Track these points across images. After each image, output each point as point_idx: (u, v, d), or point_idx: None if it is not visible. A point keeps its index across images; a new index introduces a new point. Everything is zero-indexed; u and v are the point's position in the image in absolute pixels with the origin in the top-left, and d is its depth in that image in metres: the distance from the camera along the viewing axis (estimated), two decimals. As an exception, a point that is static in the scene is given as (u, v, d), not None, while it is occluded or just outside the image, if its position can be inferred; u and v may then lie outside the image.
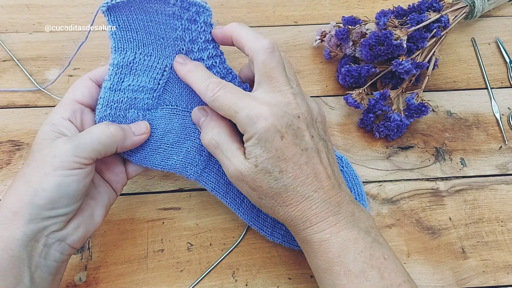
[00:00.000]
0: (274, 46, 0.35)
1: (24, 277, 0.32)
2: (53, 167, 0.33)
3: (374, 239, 0.34)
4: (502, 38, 0.59)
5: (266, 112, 0.33)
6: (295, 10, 0.61)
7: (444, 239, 0.45)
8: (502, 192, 0.48)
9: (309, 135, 0.34)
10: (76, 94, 0.38)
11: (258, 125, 0.32)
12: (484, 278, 0.43)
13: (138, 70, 0.39)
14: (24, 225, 0.32)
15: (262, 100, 0.34)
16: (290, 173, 0.33)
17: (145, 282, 0.42)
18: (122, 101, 0.39)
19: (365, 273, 0.33)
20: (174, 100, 0.40)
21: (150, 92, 0.40)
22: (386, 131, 0.49)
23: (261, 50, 0.34)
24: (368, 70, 0.50)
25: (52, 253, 0.34)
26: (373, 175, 0.49)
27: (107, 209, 0.39)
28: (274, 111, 0.33)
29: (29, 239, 0.32)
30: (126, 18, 0.37)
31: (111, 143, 0.36)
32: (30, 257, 0.33)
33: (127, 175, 0.41)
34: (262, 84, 0.35)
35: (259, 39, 0.35)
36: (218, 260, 0.43)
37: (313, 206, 0.34)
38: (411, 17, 0.51)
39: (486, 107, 0.54)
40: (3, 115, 0.50)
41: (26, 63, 0.54)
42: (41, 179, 0.33)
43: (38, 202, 0.32)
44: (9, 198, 0.33)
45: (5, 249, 0.32)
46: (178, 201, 0.46)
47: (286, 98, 0.34)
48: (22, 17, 0.57)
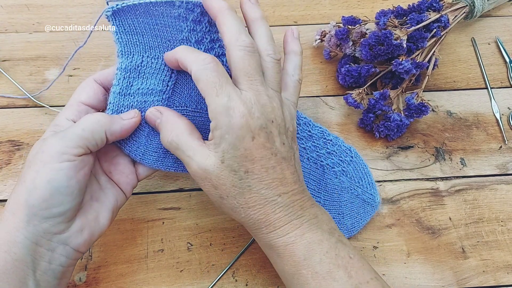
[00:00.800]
0: (253, 45, 0.34)
1: (29, 281, 0.32)
2: (43, 163, 0.32)
3: (338, 240, 0.34)
4: (502, 38, 0.59)
5: (243, 108, 0.32)
6: (294, 10, 0.61)
7: (444, 239, 0.45)
8: (502, 192, 0.48)
9: (280, 141, 0.34)
10: (81, 95, 0.37)
11: (233, 119, 0.32)
12: (484, 278, 0.43)
13: (147, 73, 0.39)
14: (23, 227, 0.32)
15: (242, 95, 0.33)
16: (256, 175, 0.33)
17: (145, 282, 0.42)
18: (132, 105, 0.38)
19: (332, 274, 0.32)
20: (184, 101, 0.40)
21: (159, 94, 0.40)
22: (386, 131, 0.49)
23: (239, 47, 0.33)
24: (368, 70, 0.50)
25: (57, 258, 0.33)
26: (373, 175, 0.48)
27: (115, 212, 0.38)
28: (252, 110, 0.32)
29: (31, 243, 0.32)
30: (132, 22, 0.37)
31: (97, 127, 0.34)
32: (34, 261, 0.32)
33: (137, 176, 0.40)
34: (239, 80, 0.34)
35: (240, 34, 0.34)
36: (235, 258, 0.43)
37: (277, 210, 0.34)
38: (411, 17, 0.51)
39: (486, 107, 0.54)
40: (3, 115, 0.50)
41: (26, 63, 0.54)
42: (33, 177, 0.32)
43: (32, 201, 0.32)
44: (10, 200, 0.33)
45: (8, 251, 0.31)
46: (178, 201, 0.46)
47: (262, 99, 0.33)
48: (22, 17, 0.57)
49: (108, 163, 0.39)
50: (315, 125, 0.46)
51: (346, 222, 0.44)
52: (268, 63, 0.35)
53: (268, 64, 0.35)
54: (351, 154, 0.46)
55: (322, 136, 0.46)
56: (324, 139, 0.46)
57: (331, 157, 0.46)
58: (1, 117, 0.50)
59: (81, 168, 0.33)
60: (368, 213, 0.45)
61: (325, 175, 0.45)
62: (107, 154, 0.39)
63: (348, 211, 0.45)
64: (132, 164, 0.40)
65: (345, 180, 0.45)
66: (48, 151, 0.32)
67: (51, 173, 0.32)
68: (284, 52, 0.40)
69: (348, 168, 0.46)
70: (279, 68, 0.36)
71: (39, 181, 0.32)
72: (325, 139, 0.46)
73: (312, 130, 0.46)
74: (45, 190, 0.32)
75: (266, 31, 0.36)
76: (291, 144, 0.35)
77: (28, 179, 0.32)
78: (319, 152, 0.46)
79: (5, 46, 0.55)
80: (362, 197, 0.45)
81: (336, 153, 0.46)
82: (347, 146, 0.46)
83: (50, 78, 0.53)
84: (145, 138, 0.39)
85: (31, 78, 0.53)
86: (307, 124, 0.46)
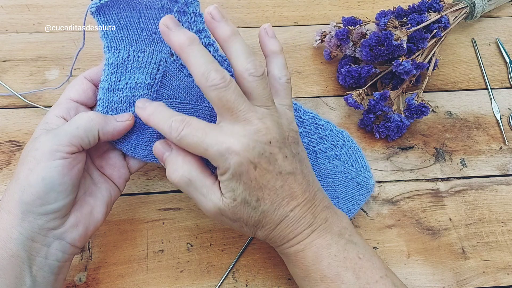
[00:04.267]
0: (225, 79, 0.32)
1: (25, 276, 0.32)
2: (36, 161, 0.32)
3: (348, 240, 0.35)
4: (502, 38, 0.59)
5: (236, 145, 0.31)
6: (295, 10, 0.61)
7: (444, 240, 0.45)
8: (503, 192, 0.48)
9: (282, 157, 0.34)
10: (71, 93, 0.38)
11: (230, 160, 0.31)
12: (484, 279, 0.43)
13: (134, 68, 0.39)
14: (18, 224, 0.32)
15: (229, 131, 0.32)
16: (267, 199, 0.34)
17: (145, 282, 0.42)
18: (122, 100, 0.39)
19: (340, 276, 0.34)
20: (173, 93, 0.40)
21: (147, 88, 0.40)
22: (386, 131, 0.49)
23: (211, 87, 0.32)
24: (368, 71, 0.50)
25: (53, 253, 0.34)
26: (374, 175, 0.48)
27: (109, 205, 0.38)
28: (245, 143, 0.32)
29: (25, 239, 0.32)
30: (116, 16, 0.37)
31: (90, 126, 0.34)
32: (29, 256, 0.33)
33: (129, 169, 0.40)
34: (224, 116, 0.33)
35: (209, 73, 0.32)
36: (235, 258, 0.43)
37: (290, 225, 0.35)
38: (411, 18, 0.51)
39: (486, 107, 0.54)
40: (3, 116, 0.50)
41: (26, 64, 0.54)
42: (26, 175, 0.32)
43: (26, 199, 0.32)
44: (4, 198, 0.33)
45: (3, 248, 0.32)
46: (178, 202, 0.46)
47: (253, 125, 0.32)
48: (22, 17, 0.57)
49: (99, 158, 0.39)
50: (305, 111, 0.46)
51: (341, 206, 0.44)
52: (251, 82, 0.34)
53: (252, 84, 0.34)
54: (343, 138, 0.45)
55: (313, 122, 0.46)
56: (316, 124, 0.46)
57: (323, 142, 0.46)
58: (1, 117, 0.50)
59: (74, 165, 0.34)
60: (363, 196, 0.45)
61: (318, 160, 0.45)
62: (97, 149, 0.39)
63: (343, 195, 0.45)
64: (123, 157, 0.40)
65: (338, 164, 0.45)
66: (42, 148, 0.33)
67: (45, 170, 0.32)
68: (264, 55, 0.38)
69: (341, 152, 0.46)
70: (265, 83, 0.34)
71: (32, 178, 0.32)
72: (316, 124, 0.46)
73: (303, 116, 0.46)
74: (39, 187, 0.32)
75: (241, 48, 0.34)
76: (295, 151, 0.35)
77: (21, 177, 0.32)
78: (311, 137, 0.45)
79: (5, 47, 0.55)
80: (356, 180, 0.45)
81: (328, 137, 0.46)
82: (339, 130, 0.46)
83: (50, 78, 0.53)
84: (136, 132, 0.39)
85: (31, 78, 0.53)
86: (297, 110, 0.46)
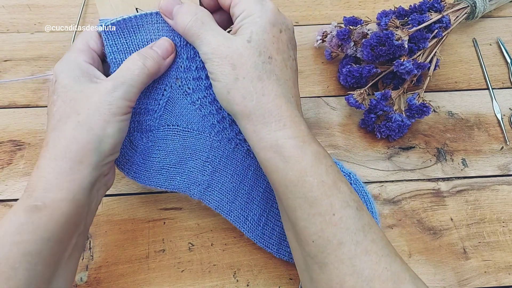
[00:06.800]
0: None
1: (81, 224, 0.34)
2: (112, 114, 0.34)
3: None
4: (504, 38, 0.59)
5: (274, 5, 0.35)
6: (296, 10, 0.61)
7: (445, 240, 0.45)
8: (504, 192, 0.48)
9: (293, 55, 0.36)
10: (90, 42, 0.37)
11: (267, 6, 0.34)
12: (485, 279, 0.43)
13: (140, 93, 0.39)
14: (89, 174, 0.33)
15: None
16: (278, 65, 0.34)
17: (146, 282, 0.42)
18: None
19: (337, 185, 0.32)
20: (175, 120, 0.40)
21: (151, 113, 0.40)
22: (388, 131, 0.49)
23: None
24: (370, 71, 0.50)
25: (98, 198, 0.37)
26: (375, 175, 0.48)
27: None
28: (278, 10, 0.35)
29: (91, 186, 0.34)
30: (125, 40, 0.36)
31: (150, 80, 0.37)
32: (89, 203, 0.35)
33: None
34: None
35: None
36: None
37: (290, 107, 0.33)
38: (412, 18, 0.51)
39: (488, 107, 0.54)
40: (5, 115, 0.50)
41: (27, 63, 0.54)
42: (103, 126, 0.33)
43: (104, 148, 0.34)
44: (70, 148, 0.33)
45: (73, 200, 0.33)
46: (179, 201, 0.46)
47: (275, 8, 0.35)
48: (23, 17, 0.57)
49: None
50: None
51: None
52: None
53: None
54: (350, 180, 0.44)
55: None
56: None
57: None
58: (2, 117, 0.50)
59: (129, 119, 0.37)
60: None
61: None
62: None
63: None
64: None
65: None
66: (116, 103, 0.34)
67: (120, 123, 0.34)
68: (226, 7, 0.37)
69: None
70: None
71: (111, 130, 0.34)
72: None
73: None
74: (116, 139, 0.35)
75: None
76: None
77: (96, 127, 0.33)
78: None
79: (6, 46, 0.55)
80: None
81: None
82: (346, 171, 0.44)
83: (51, 78, 0.53)
84: (138, 157, 0.40)
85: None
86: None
